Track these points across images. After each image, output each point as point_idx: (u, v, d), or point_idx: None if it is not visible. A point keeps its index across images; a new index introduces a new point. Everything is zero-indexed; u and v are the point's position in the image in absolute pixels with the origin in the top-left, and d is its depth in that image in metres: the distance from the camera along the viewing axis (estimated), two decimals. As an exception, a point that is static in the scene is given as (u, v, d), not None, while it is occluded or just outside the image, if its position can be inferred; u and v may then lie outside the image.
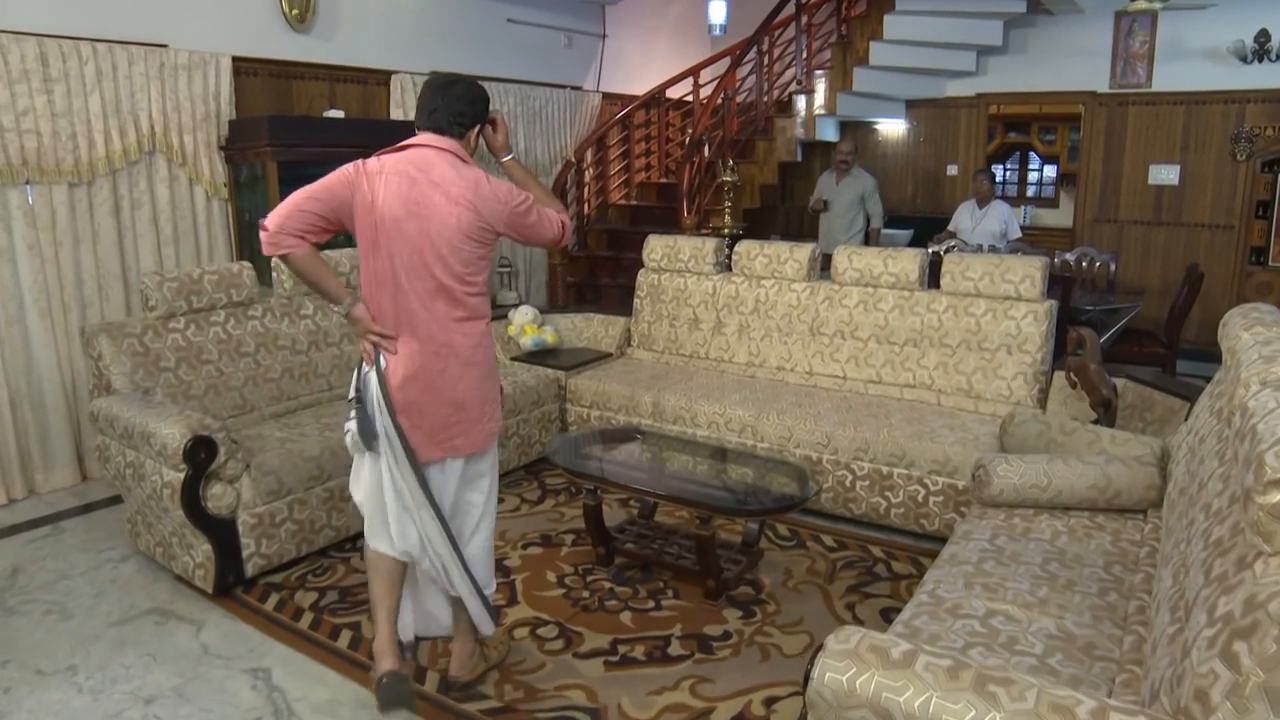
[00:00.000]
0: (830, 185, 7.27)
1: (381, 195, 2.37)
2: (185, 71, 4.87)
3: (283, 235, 2.39)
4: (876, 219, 7.19)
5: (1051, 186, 11.49)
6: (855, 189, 7.13)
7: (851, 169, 7.16)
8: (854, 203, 7.12)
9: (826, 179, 7.34)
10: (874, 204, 7.16)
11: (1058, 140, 11.17)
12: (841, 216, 7.17)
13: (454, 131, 2.47)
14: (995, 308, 4.25)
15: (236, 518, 3.38)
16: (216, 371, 3.89)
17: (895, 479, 3.89)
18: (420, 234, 2.38)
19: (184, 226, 5.02)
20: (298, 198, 2.40)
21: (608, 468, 3.73)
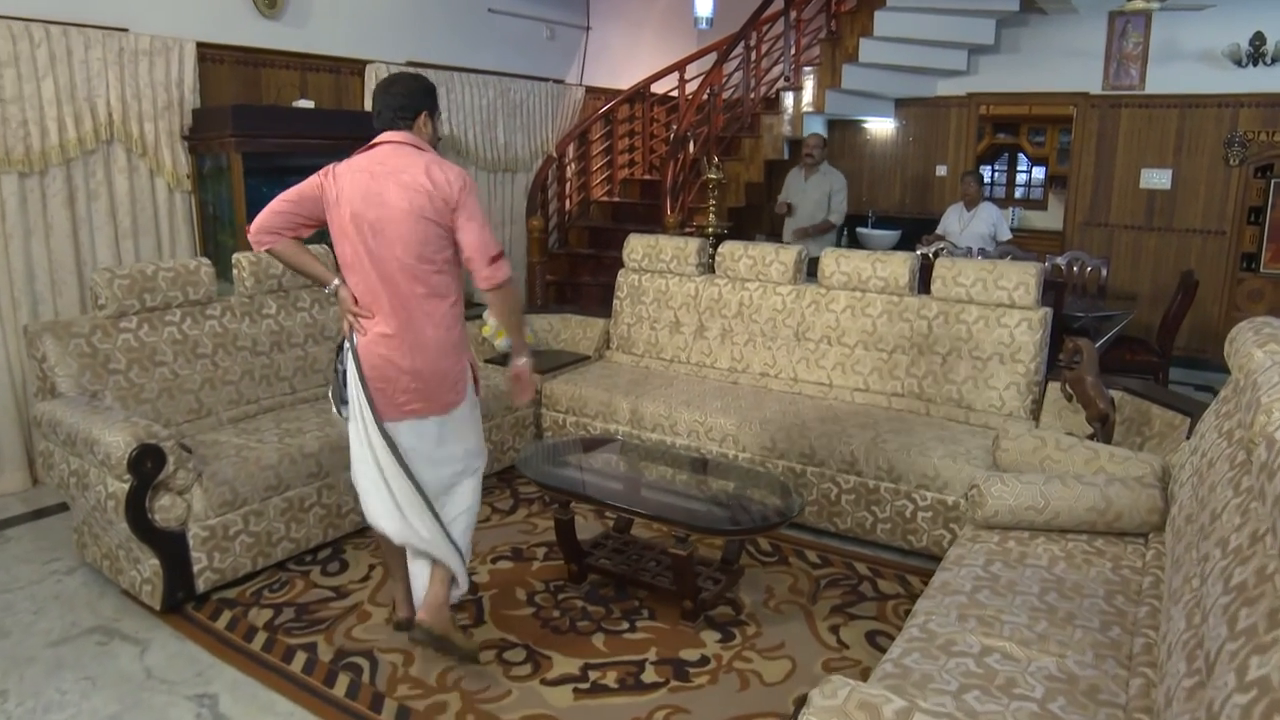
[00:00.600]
0: (798, 183, 6.96)
1: (346, 191, 2.66)
2: (147, 57, 4.64)
3: (261, 234, 2.76)
4: (836, 215, 6.87)
5: (1040, 188, 11.38)
6: (823, 186, 6.83)
7: (820, 165, 6.85)
8: (821, 201, 6.82)
9: (794, 176, 7.03)
10: (839, 201, 6.85)
11: (1047, 142, 11.06)
12: (810, 216, 6.86)
13: (401, 124, 2.70)
14: (987, 315, 4.10)
15: (187, 531, 3.19)
16: (171, 374, 3.69)
17: (882, 493, 3.73)
18: (379, 220, 2.62)
19: (144, 220, 4.80)
20: (275, 201, 2.77)
21: (581, 480, 3.55)
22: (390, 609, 3.22)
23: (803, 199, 6.88)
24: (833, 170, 6.96)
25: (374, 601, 3.34)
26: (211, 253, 4.98)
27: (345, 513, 3.73)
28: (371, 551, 3.73)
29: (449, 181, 2.61)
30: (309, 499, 3.58)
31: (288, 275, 4.12)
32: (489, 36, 6.79)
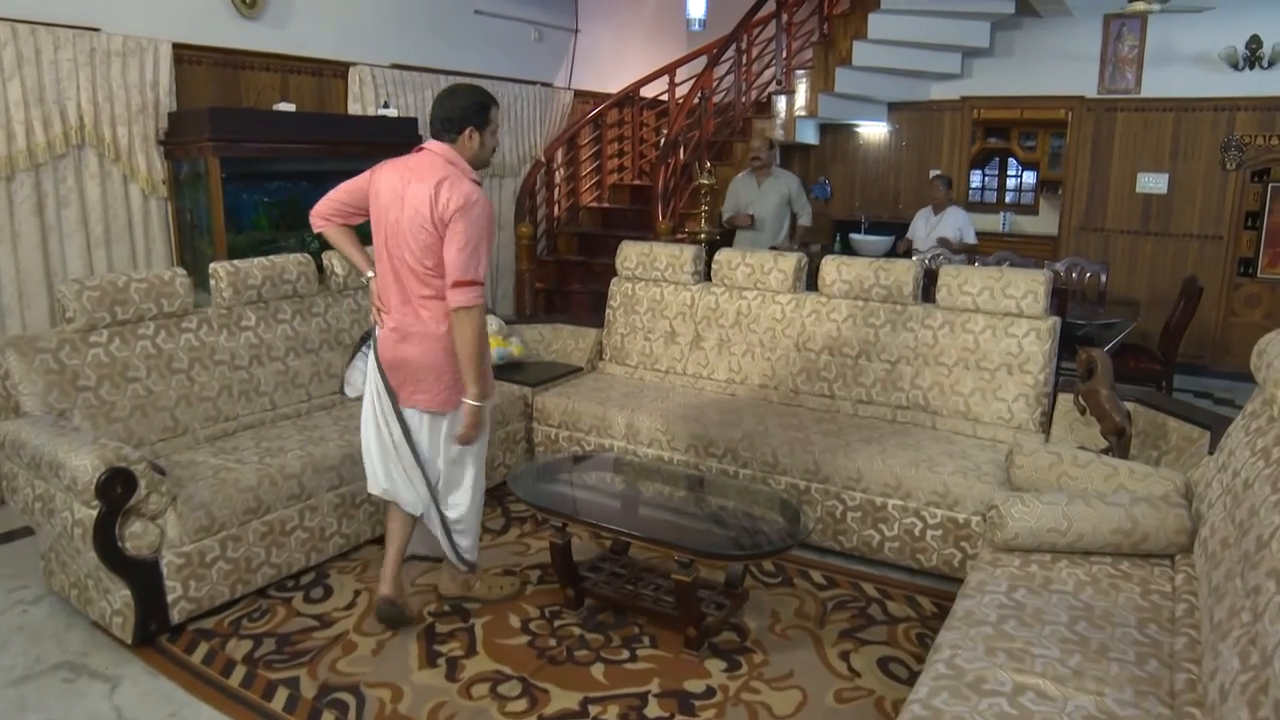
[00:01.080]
0: (749, 189, 6.39)
1: (381, 189, 2.89)
2: (119, 58, 4.46)
3: (315, 217, 3.09)
4: (805, 217, 6.42)
5: (1031, 193, 11.31)
6: (780, 190, 6.30)
7: (770, 167, 6.35)
8: (780, 206, 6.30)
9: (744, 183, 6.45)
10: (801, 203, 6.38)
11: (1038, 146, 10.99)
12: (770, 224, 6.31)
13: (445, 137, 2.86)
14: (995, 324, 3.97)
15: (160, 558, 3.01)
16: (144, 390, 3.50)
17: (890, 510, 3.59)
18: (398, 221, 2.85)
19: (117, 228, 4.61)
20: (333, 190, 3.06)
21: (577, 501, 3.40)
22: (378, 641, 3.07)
23: (760, 206, 6.33)
24: (784, 171, 6.52)
25: (359, 630, 3.16)
26: (189, 262, 4.80)
27: (329, 535, 3.56)
28: (356, 576, 3.56)
29: (448, 202, 2.75)
30: (290, 522, 3.40)
31: (267, 286, 3.95)
32: (475, 38, 6.64)
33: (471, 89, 2.90)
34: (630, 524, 3.22)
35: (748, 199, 6.33)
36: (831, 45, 7.32)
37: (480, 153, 2.89)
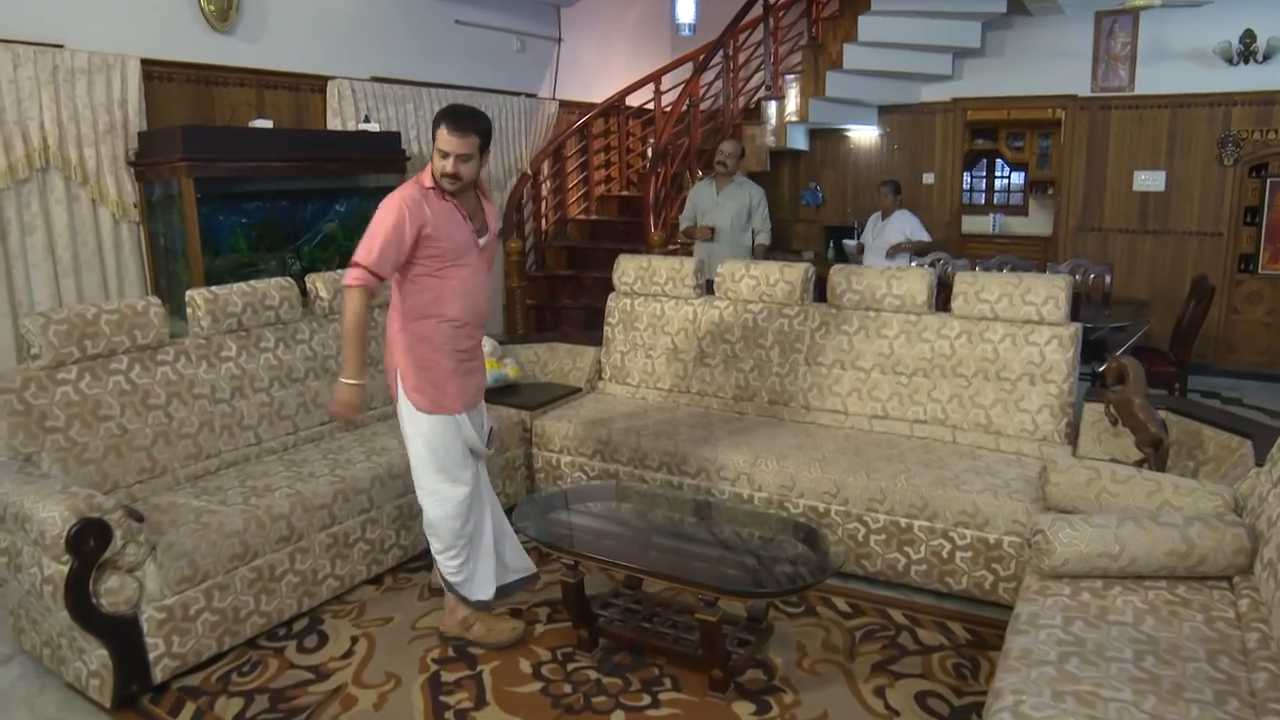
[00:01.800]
0: (708, 197, 5.86)
1: None
2: (85, 75, 4.23)
3: None
4: (765, 234, 5.85)
5: (1020, 194, 11.23)
6: (740, 199, 5.79)
7: (733, 175, 5.82)
8: (740, 216, 5.79)
9: (702, 191, 5.93)
10: (762, 217, 5.85)
11: (1026, 146, 10.90)
12: (727, 235, 5.78)
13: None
14: (1014, 333, 3.81)
15: (139, 614, 2.77)
16: (118, 429, 3.26)
17: (916, 532, 3.41)
18: None
19: (87, 254, 4.37)
20: None
21: (588, 537, 3.19)
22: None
23: (718, 215, 5.79)
24: (748, 180, 5.97)
25: (359, 682, 2.94)
26: (164, 288, 4.58)
27: (322, 578, 3.33)
28: (353, 620, 3.33)
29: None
30: (280, 566, 3.18)
31: (248, 313, 3.72)
32: (456, 49, 6.44)
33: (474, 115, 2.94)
34: (648, 560, 3.01)
35: (705, 207, 5.87)
36: (821, 49, 7.18)
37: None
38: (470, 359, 3.07)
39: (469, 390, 3.07)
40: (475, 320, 3.03)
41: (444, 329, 2.94)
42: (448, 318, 2.94)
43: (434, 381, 2.95)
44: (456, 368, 2.99)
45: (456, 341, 2.98)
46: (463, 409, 3.02)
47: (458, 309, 2.94)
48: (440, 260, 2.88)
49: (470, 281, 2.96)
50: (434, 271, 2.89)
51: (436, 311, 2.92)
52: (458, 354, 2.99)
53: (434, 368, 2.95)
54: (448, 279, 2.91)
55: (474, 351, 3.09)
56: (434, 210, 2.84)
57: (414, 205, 2.80)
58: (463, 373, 3.03)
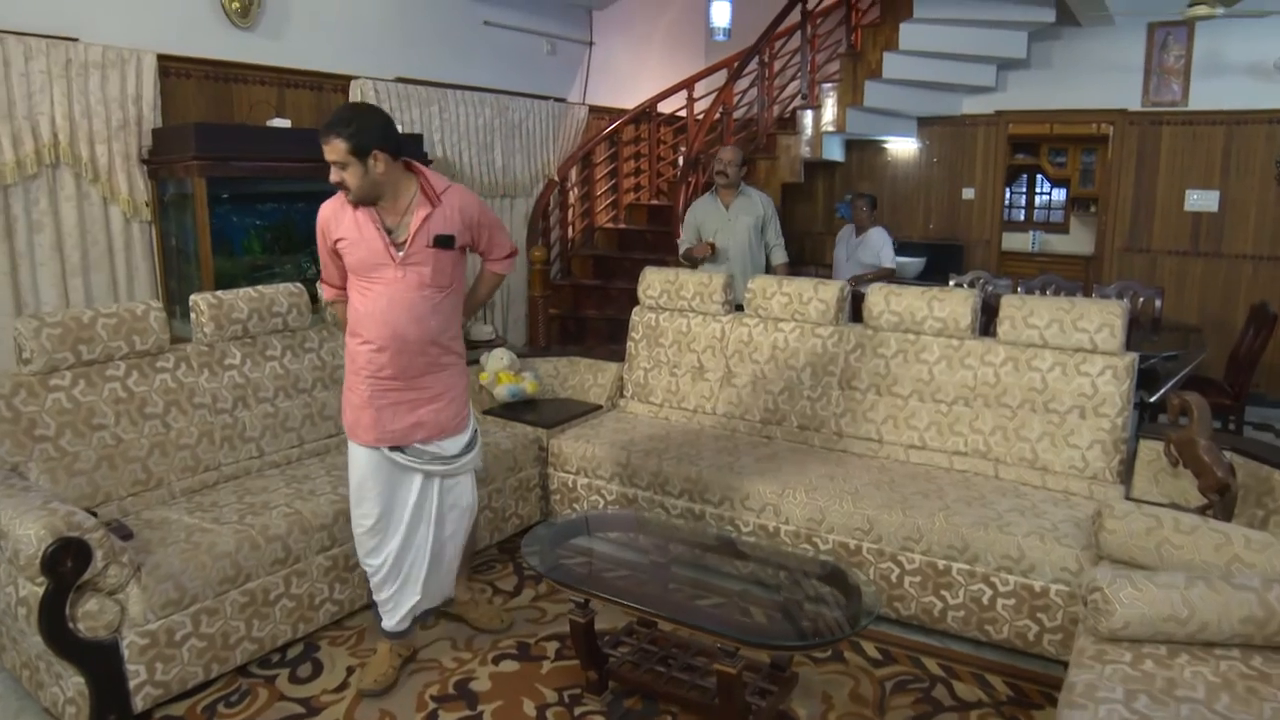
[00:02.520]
0: (715, 214, 5.11)
1: None
2: (99, 70, 4.10)
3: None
4: (781, 249, 5.21)
5: (1061, 211, 10.90)
6: (751, 212, 5.10)
7: (738, 185, 5.12)
8: (753, 230, 5.10)
9: (707, 207, 5.18)
10: (775, 231, 5.18)
11: (1069, 163, 10.59)
12: (741, 256, 5.07)
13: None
14: (1065, 361, 3.55)
15: (120, 639, 2.60)
16: (112, 439, 3.11)
17: (954, 575, 3.16)
18: None
19: (96, 254, 4.24)
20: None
21: (600, 572, 2.98)
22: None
23: (729, 234, 5.04)
24: (754, 190, 5.30)
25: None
26: (175, 290, 4.44)
27: (319, 603, 3.15)
28: (349, 648, 3.14)
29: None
30: (275, 590, 3.00)
31: (254, 319, 3.56)
32: (485, 51, 6.28)
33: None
34: (664, 603, 2.79)
35: (714, 225, 5.09)
36: (860, 57, 6.94)
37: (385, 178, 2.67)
38: (399, 390, 2.74)
39: (388, 425, 2.75)
40: (395, 345, 2.69)
41: (362, 352, 2.73)
42: (362, 339, 2.73)
43: (350, 403, 2.80)
44: (372, 398, 2.73)
45: (374, 367, 2.72)
46: (375, 443, 2.76)
47: (373, 330, 2.69)
48: (354, 275, 2.73)
49: (386, 299, 2.67)
50: (354, 287, 2.75)
51: (356, 330, 2.75)
52: (375, 381, 2.72)
53: (350, 390, 2.80)
54: (364, 296, 2.71)
55: (403, 383, 2.74)
56: (344, 222, 2.67)
57: (327, 218, 2.71)
58: (380, 405, 2.73)
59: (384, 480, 2.81)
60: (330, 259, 2.78)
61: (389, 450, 2.77)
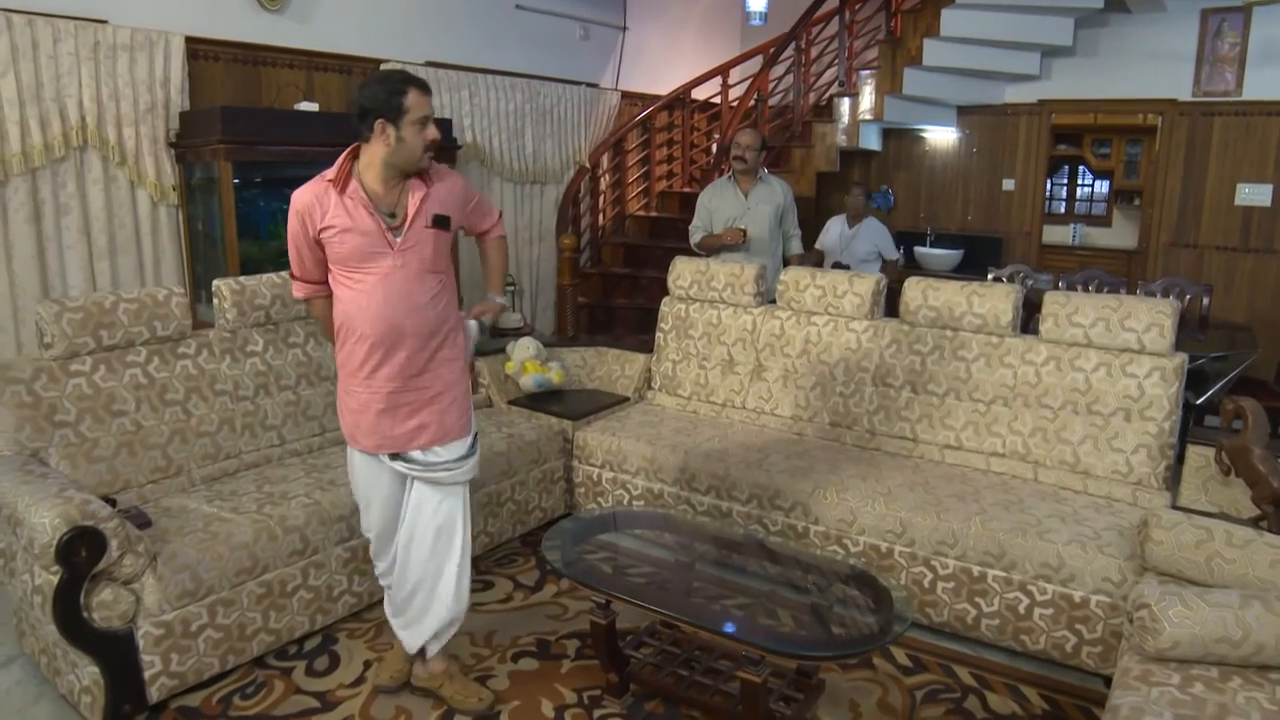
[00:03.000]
0: (734, 201, 4.73)
1: None
2: (127, 52, 4.08)
3: None
4: (797, 242, 4.89)
5: (1104, 204, 10.61)
6: (773, 199, 4.73)
7: (756, 170, 4.74)
8: (774, 219, 4.76)
9: (723, 194, 4.78)
10: (792, 221, 4.86)
11: (1113, 154, 10.29)
12: (763, 244, 4.71)
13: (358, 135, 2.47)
14: (1110, 362, 3.41)
15: (135, 629, 2.57)
16: (132, 425, 3.08)
17: (989, 582, 3.05)
18: None
19: (123, 238, 4.22)
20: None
21: (623, 572, 2.90)
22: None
23: (749, 224, 4.67)
24: (773, 176, 4.92)
25: (367, 717, 2.70)
26: (201, 275, 4.41)
27: (337, 595, 3.11)
28: (368, 641, 3.10)
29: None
30: (293, 581, 2.96)
31: (277, 306, 3.52)
32: (516, 35, 6.19)
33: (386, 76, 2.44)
34: (688, 606, 2.71)
35: (733, 214, 4.71)
36: (900, 44, 6.76)
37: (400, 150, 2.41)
38: (398, 390, 2.50)
39: (388, 430, 2.52)
40: (392, 340, 2.46)
41: (357, 352, 2.48)
42: (356, 336, 2.47)
43: (347, 407, 2.57)
44: (370, 400, 2.49)
45: (370, 367, 2.47)
46: (377, 449, 2.55)
47: (367, 325, 2.43)
48: (343, 266, 2.45)
49: (382, 292, 2.42)
50: (342, 280, 2.47)
51: (348, 328, 2.48)
52: (372, 383, 2.49)
53: (345, 394, 2.57)
54: (355, 289, 2.44)
55: (401, 382, 2.50)
56: (330, 208, 2.40)
57: (309, 204, 2.41)
58: (380, 409, 2.50)
59: (386, 488, 2.63)
60: (309, 251, 2.47)
61: (389, 459, 2.56)
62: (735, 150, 4.71)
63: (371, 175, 2.43)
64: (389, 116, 2.35)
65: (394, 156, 2.40)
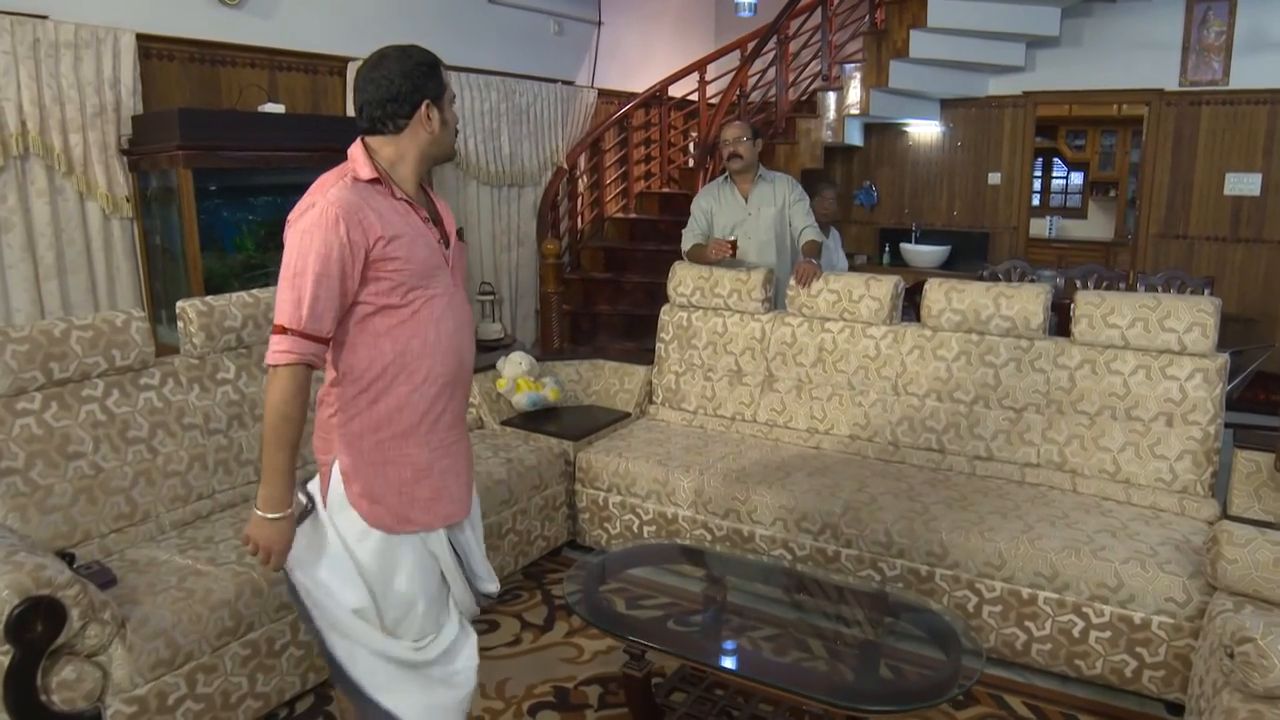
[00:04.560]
0: (733, 206, 4.21)
1: None
2: (70, 50, 3.71)
3: None
4: (814, 229, 4.13)
5: (1079, 195, 10.58)
6: (775, 199, 4.19)
7: (759, 168, 4.23)
8: (779, 220, 4.20)
9: (721, 198, 4.24)
10: (804, 211, 4.18)
11: (1087, 145, 10.26)
12: (765, 251, 4.19)
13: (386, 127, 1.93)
14: (1149, 364, 3.21)
15: (103, 709, 2.24)
16: (90, 468, 2.73)
17: (1040, 605, 2.83)
18: None
19: (73, 254, 3.86)
20: None
21: (657, 618, 2.63)
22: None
23: (752, 231, 4.18)
24: (773, 172, 4.36)
25: (371, 791, 2.39)
26: (160, 294, 4.06)
27: (329, 649, 2.79)
28: (365, 699, 2.78)
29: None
30: (281, 638, 2.64)
31: (249, 327, 3.19)
32: (490, 31, 5.89)
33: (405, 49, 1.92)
34: (739, 659, 2.44)
35: (730, 220, 4.21)
36: (884, 35, 6.57)
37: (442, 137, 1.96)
38: (457, 440, 2.04)
39: (454, 493, 2.01)
40: (462, 376, 2.02)
41: (416, 401, 1.92)
42: (420, 379, 1.92)
43: (390, 482, 1.92)
44: (435, 458, 1.97)
45: (433, 416, 1.96)
46: (442, 522, 1.99)
47: (439, 362, 1.93)
48: (400, 290, 1.88)
49: (452, 317, 1.97)
50: (391, 311, 1.88)
51: (401, 373, 1.90)
52: (433, 436, 1.97)
53: (387, 464, 1.92)
54: (414, 319, 1.90)
55: (459, 432, 2.06)
56: (385, 213, 1.86)
57: (351, 213, 1.80)
58: (444, 468, 1.99)
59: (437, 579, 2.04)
60: (345, 282, 1.81)
61: (430, 538, 1.99)
62: (726, 148, 4.16)
63: (404, 173, 1.94)
64: (434, 97, 1.90)
65: (435, 146, 1.95)
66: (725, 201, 4.27)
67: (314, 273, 1.77)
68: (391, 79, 1.88)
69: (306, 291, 1.77)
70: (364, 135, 1.95)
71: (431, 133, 1.92)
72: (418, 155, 1.94)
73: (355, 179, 1.87)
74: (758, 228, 4.21)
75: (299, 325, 1.78)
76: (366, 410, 1.91)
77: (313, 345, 1.80)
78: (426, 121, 1.91)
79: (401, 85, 1.88)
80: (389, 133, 1.91)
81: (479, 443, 3.67)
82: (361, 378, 1.90)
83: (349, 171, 1.90)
